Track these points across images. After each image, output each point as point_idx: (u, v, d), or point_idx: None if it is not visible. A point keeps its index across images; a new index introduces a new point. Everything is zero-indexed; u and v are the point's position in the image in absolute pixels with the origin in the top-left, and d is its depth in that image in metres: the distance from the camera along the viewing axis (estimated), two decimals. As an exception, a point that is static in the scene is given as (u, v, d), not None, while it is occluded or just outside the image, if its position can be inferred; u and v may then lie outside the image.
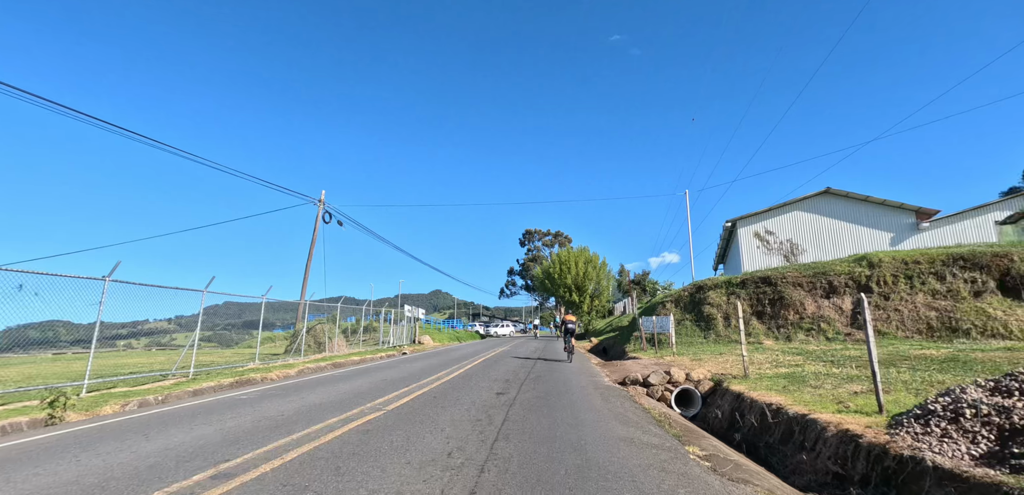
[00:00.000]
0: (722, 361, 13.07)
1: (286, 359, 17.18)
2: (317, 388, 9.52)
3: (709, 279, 22.11)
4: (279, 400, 8.02)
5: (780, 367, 11.03)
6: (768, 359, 12.69)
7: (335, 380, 11.40)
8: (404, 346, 27.33)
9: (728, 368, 11.53)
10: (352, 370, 14.33)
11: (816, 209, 29.81)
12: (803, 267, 19.61)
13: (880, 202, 28.78)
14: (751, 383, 8.94)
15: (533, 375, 11.57)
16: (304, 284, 22.19)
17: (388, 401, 7.46)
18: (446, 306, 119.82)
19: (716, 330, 19.30)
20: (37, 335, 13.69)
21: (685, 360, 13.94)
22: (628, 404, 7.59)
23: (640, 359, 15.48)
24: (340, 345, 21.28)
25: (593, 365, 15.30)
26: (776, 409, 6.94)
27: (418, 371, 12.94)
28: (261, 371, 13.24)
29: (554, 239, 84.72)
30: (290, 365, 15.39)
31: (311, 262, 22.53)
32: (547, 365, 14.50)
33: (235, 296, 14.21)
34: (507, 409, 6.69)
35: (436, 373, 12.29)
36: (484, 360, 16.71)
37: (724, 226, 32.75)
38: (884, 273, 17.49)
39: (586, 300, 48.34)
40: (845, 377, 8.71)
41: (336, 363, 16.82)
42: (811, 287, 18.54)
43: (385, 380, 10.76)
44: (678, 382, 10.02)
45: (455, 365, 14.76)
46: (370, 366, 15.58)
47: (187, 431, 5.64)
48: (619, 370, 12.64)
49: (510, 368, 13.51)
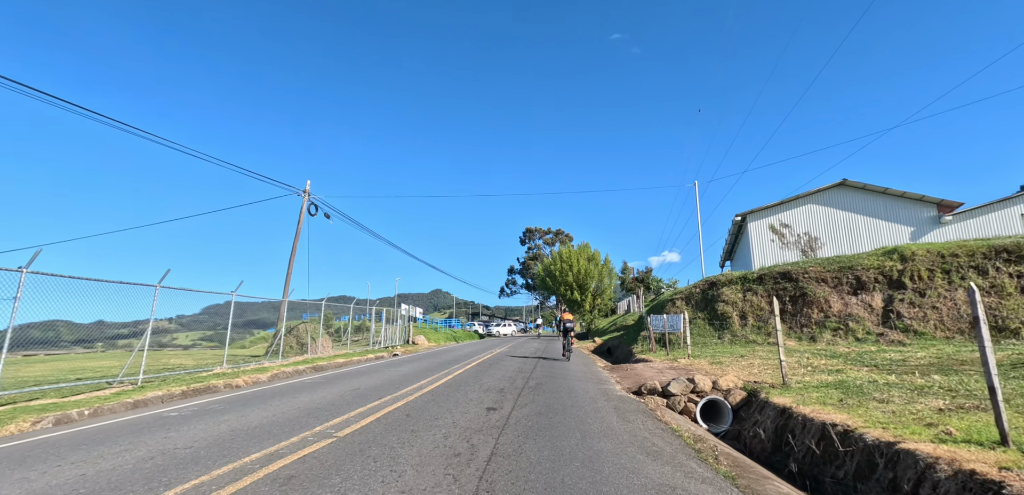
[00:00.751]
0: (747, 365, 11.53)
1: (262, 362, 15.65)
2: (273, 400, 7.99)
3: (722, 274, 20.56)
4: (212, 420, 6.50)
5: (819, 373, 9.49)
6: (798, 363, 11.15)
7: (303, 389, 9.87)
8: (396, 347, 25.81)
9: (757, 374, 9.98)
10: (330, 375, 12.80)
11: (831, 202, 28.27)
12: (827, 261, 18.05)
13: (899, 194, 27.25)
14: (795, 395, 7.39)
15: (532, 382, 10.04)
16: (286, 281, 20.63)
17: (348, 422, 5.94)
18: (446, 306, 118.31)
19: (731, 329, 17.75)
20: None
21: (703, 363, 12.40)
22: (651, 424, 6.04)
23: (652, 362, 13.94)
24: (325, 346, 19.75)
25: (599, 368, 13.76)
26: (843, 432, 5.40)
27: (401, 377, 11.41)
28: (227, 377, 11.72)
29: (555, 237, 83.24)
30: (264, 369, 13.88)
31: (295, 257, 20.98)
32: (548, 368, 12.98)
33: (200, 293, 12.68)
34: (497, 435, 5.16)
35: (421, 380, 10.76)
36: (478, 363, 15.18)
37: (734, 220, 31.18)
38: (918, 267, 15.94)
39: (588, 299, 46.76)
40: (912, 388, 7.15)
41: (316, 366, 15.31)
42: (836, 283, 16.98)
43: (359, 390, 9.23)
44: (704, 391, 8.48)
45: (445, 369, 13.24)
46: (351, 370, 14.06)
47: (42, 471, 4.12)
48: (631, 375, 11.10)
49: (506, 373, 11.98)
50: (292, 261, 20.92)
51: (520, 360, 16.31)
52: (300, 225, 21.31)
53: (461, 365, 14.52)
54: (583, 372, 12.45)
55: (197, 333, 71.13)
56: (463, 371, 12.67)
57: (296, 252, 21.13)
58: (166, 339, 55.30)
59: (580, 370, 12.98)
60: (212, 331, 65.14)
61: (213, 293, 12.84)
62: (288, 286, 20.56)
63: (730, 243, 35.03)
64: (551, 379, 10.71)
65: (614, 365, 15.33)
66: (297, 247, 21.21)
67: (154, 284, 10.76)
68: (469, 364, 14.88)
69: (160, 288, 10.86)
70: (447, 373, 12.10)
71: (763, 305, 17.87)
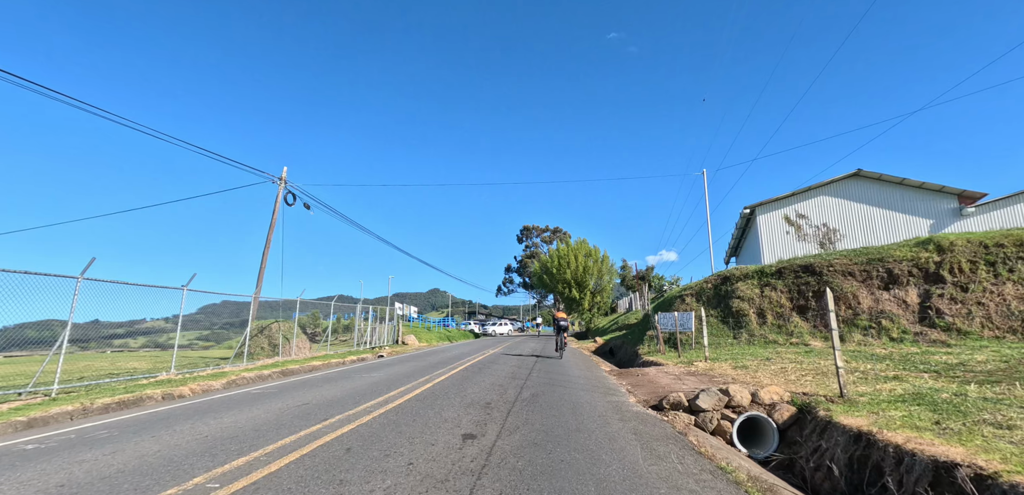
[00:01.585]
0: (777, 370, 9.84)
1: (222, 367, 13.88)
2: (188, 422, 6.24)
3: (737, 268, 18.88)
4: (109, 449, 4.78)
5: (877, 382, 7.81)
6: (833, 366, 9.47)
7: (244, 402, 8.13)
8: (383, 347, 24.04)
9: (801, 382, 8.29)
10: (292, 382, 11.05)
11: (845, 194, 26.70)
12: (854, 253, 16.38)
13: (918, 185, 25.67)
14: (868, 412, 5.70)
15: (527, 393, 8.31)
16: (259, 276, 18.83)
17: (283, 450, 4.24)
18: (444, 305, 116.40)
19: (748, 328, 16.07)
20: None
21: (725, 367, 10.72)
22: (691, 462, 4.32)
23: (664, 366, 12.24)
24: (301, 347, 17.98)
25: (604, 373, 12.04)
26: (976, 476, 3.70)
27: (370, 386, 9.67)
28: (171, 385, 9.95)
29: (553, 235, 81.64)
30: (222, 374, 12.12)
31: (269, 250, 19.19)
32: (546, 372, 11.28)
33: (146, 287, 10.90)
34: (473, 482, 3.46)
35: (394, 389, 9.03)
36: (467, 366, 13.46)
37: (741, 213, 29.55)
38: (958, 259, 14.29)
39: (587, 297, 45.05)
40: (1021, 404, 5.46)
41: (285, 370, 13.57)
42: (865, 277, 15.32)
43: (308, 405, 7.49)
44: (740, 406, 6.77)
45: (428, 374, 11.51)
46: (320, 376, 12.31)
47: None
48: (644, 383, 9.39)
49: (497, 379, 10.26)
50: (266, 255, 19.14)
51: (516, 361, 14.61)
52: (275, 215, 19.53)
53: (447, 369, 12.80)
54: (587, 378, 10.74)
55: (194, 333, 69.12)
56: (447, 377, 10.94)
57: (270, 245, 19.35)
58: (163, 339, 53.28)
59: (583, 376, 11.26)
60: (209, 330, 63.08)
61: (159, 287, 11.06)
62: (261, 282, 18.77)
63: (737, 238, 33.41)
64: (549, 387, 8.98)
65: (621, 369, 13.62)
66: (272, 239, 19.43)
67: (76, 275, 8.98)
68: (456, 367, 13.15)
69: (82, 279, 9.07)
70: (428, 380, 10.37)
71: (783, 302, 16.20)
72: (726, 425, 6.70)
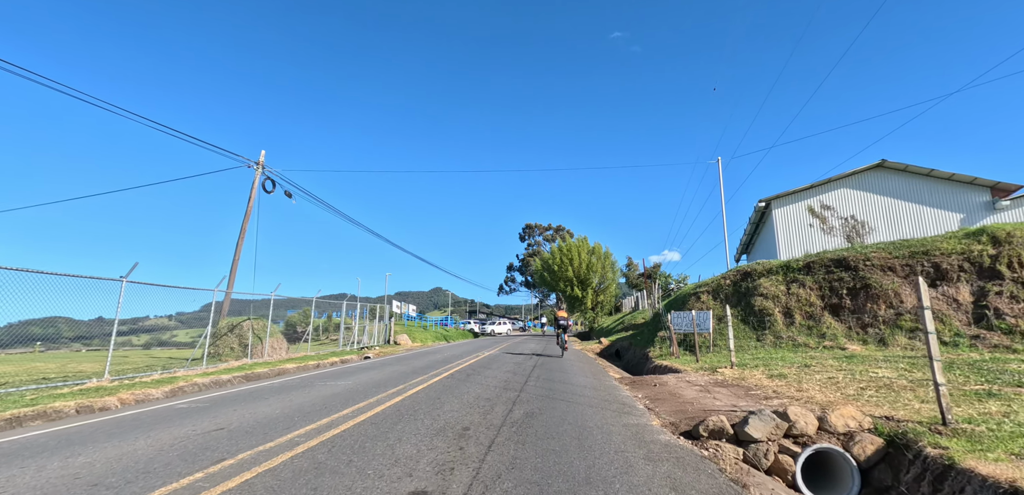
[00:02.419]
0: (826, 380, 8.07)
1: (174, 371, 12.23)
2: (86, 446, 4.57)
3: (759, 263, 17.10)
4: None
5: (962, 400, 6.05)
6: (899, 379, 7.71)
7: (169, 419, 6.45)
8: (372, 348, 22.36)
9: (859, 397, 6.52)
10: (244, 392, 9.37)
11: (867, 186, 24.89)
12: (893, 246, 14.58)
13: (947, 177, 23.84)
14: (1004, 452, 3.94)
15: (520, 411, 6.60)
16: (232, 270, 17.16)
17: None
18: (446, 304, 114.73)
19: (774, 329, 14.29)
20: None
21: (758, 375, 8.96)
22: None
23: (684, 372, 10.49)
24: (277, 348, 16.30)
25: (614, 381, 10.28)
26: None
27: (333, 397, 7.96)
28: (98, 395, 8.29)
29: (555, 233, 79.99)
30: (170, 380, 10.45)
31: (243, 240, 17.52)
32: (546, 380, 9.56)
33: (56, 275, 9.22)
34: None
35: (359, 401, 7.32)
36: (456, 370, 11.76)
37: (756, 207, 27.75)
38: (1018, 252, 12.48)
39: (590, 295, 43.24)
40: None
41: (250, 374, 11.91)
42: (908, 272, 13.52)
43: (247, 423, 5.82)
44: (804, 435, 5.03)
45: (408, 381, 9.81)
46: (282, 383, 10.63)
47: None
48: (665, 396, 7.64)
49: (486, 389, 8.55)
50: (239, 246, 17.47)
51: (512, 365, 12.90)
52: (251, 203, 17.86)
53: (430, 374, 11.08)
54: (594, 389, 8.99)
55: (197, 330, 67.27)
56: (426, 386, 9.22)
57: (245, 235, 17.67)
58: (166, 337, 51.86)
59: (589, 385, 9.52)
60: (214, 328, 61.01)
61: (88, 277, 9.37)
62: (233, 277, 17.10)
63: (750, 233, 31.60)
64: (548, 401, 7.25)
65: (634, 377, 11.86)
66: (247, 229, 17.75)
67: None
68: (442, 373, 11.43)
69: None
70: (401, 390, 8.65)
71: (813, 300, 14.40)
72: (786, 461, 4.95)
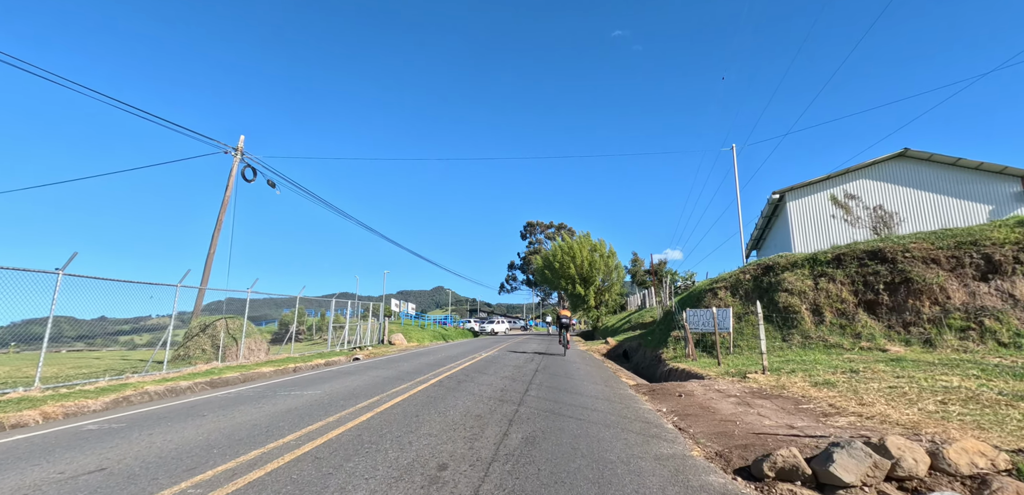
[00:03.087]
0: (887, 390, 6.66)
1: (125, 379, 10.88)
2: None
3: (783, 256, 15.66)
4: None
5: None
6: (966, 392, 6.30)
7: (80, 442, 5.08)
8: (363, 349, 20.99)
9: (942, 414, 5.11)
10: (196, 402, 8.01)
11: (888, 176, 23.45)
12: (936, 236, 13.14)
13: (974, 166, 22.41)
14: None
15: (517, 435, 5.22)
16: (206, 266, 15.79)
17: None
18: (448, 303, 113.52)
19: (801, 329, 12.86)
20: None
21: (800, 382, 7.56)
22: None
23: (708, 378, 9.08)
24: (256, 349, 14.94)
25: (629, 390, 8.88)
26: None
27: (294, 411, 6.60)
28: (19, 408, 6.94)
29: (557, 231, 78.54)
30: (118, 387, 9.10)
31: (220, 233, 16.15)
32: (550, 389, 8.18)
33: None
34: None
35: (322, 418, 5.96)
36: (448, 375, 10.37)
37: (768, 200, 26.32)
38: (1083, 240, 11.06)
39: (593, 294, 41.79)
40: None
41: (215, 380, 10.57)
42: (954, 264, 12.09)
43: (172, 452, 4.49)
44: (916, 479, 3.63)
45: (391, 388, 8.43)
46: (252, 390, 9.27)
47: None
48: (696, 410, 6.23)
49: (477, 401, 7.17)
50: (215, 238, 16.10)
51: (512, 368, 11.51)
52: (228, 191, 16.49)
53: (419, 380, 9.69)
54: (608, 400, 7.59)
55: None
56: (409, 396, 7.83)
57: (222, 226, 16.31)
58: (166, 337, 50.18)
59: (601, 395, 8.12)
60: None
61: (17, 270, 7.99)
62: (208, 271, 15.74)
63: (761, 227, 30.16)
64: (553, 419, 5.88)
65: (651, 384, 10.45)
66: (224, 220, 16.39)
67: None
68: (432, 378, 10.04)
69: None
70: (377, 403, 7.26)
71: (845, 295, 12.97)
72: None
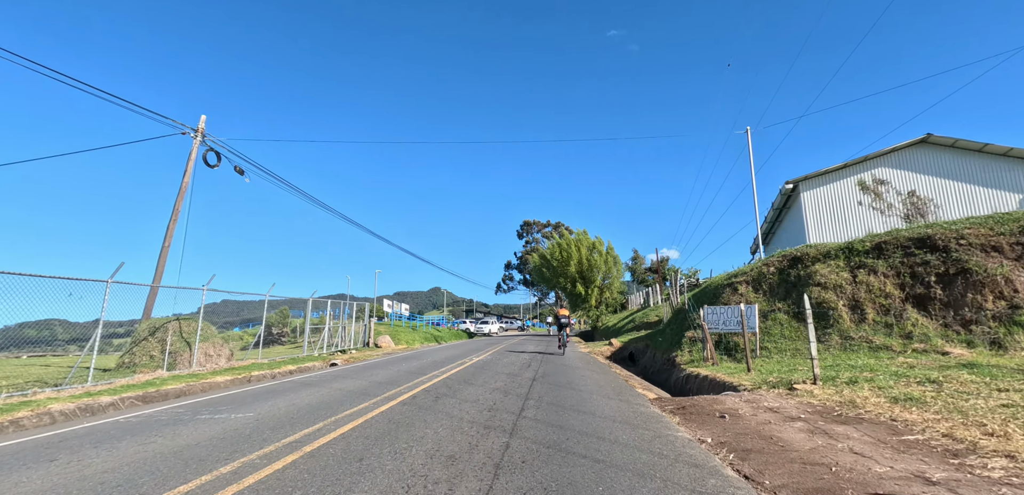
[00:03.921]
0: (997, 407, 4.92)
1: (31, 394, 9.05)
2: None
3: (813, 246, 13.93)
4: None
5: None
6: None
7: None
8: (346, 352, 19.16)
9: None
10: (92, 429, 6.19)
11: (909, 164, 21.87)
12: (996, 220, 11.45)
13: (1003, 152, 20.89)
14: None
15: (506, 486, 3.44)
16: (160, 260, 13.92)
17: None
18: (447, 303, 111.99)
19: (839, 328, 11.14)
20: None
21: (870, 396, 5.82)
22: None
23: (744, 390, 7.32)
24: (215, 355, 13.10)
25: (648, 404, 7.11)
26: None
27: (213, 443, 4.82)
28: None
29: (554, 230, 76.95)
30: (19, 405, 7.29)
31: (176, 224, 14.28)
32: (551, 404, 6.40)
33: None
34: None
35: (234, 460, 4.20)
36: (427, 386, 8.59)
37: (781, 190, 24.69)
38: None
39: (593, 292, 40.10)
40: None
41: (148, 394, 8.76)
42: (1020, 253, 10.41)
43: None
44: None
45: (354, 406, 6.66)
46: (187, 405, 7.45)
47: None
48: (764, 447, 4.46)
49: (457, 431, 5.41)
50: (171, 229, 14.24)
51: (505, 377, 9.71)
52: (187, 177, 14.63)
53: (390, 394, 7.90)
54: (628, 424, 5.82)
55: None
56: (368, 418, 6.04)
57: (178, 216, 14.44)
58: None
59: (618, 415, 6.35)
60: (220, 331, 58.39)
61: None
62: (162, 268, 13.88)
63: (771, 220, 28.53)
64: (562, 463, 4.13)
65: (674, 397, 8.65)
66: (181, 209, 14.53)
67: None
68: (406, 392, 8.23)
69: None
70: (324, 431, 5.47)
71: (889, 289, 11.26)
72: None
